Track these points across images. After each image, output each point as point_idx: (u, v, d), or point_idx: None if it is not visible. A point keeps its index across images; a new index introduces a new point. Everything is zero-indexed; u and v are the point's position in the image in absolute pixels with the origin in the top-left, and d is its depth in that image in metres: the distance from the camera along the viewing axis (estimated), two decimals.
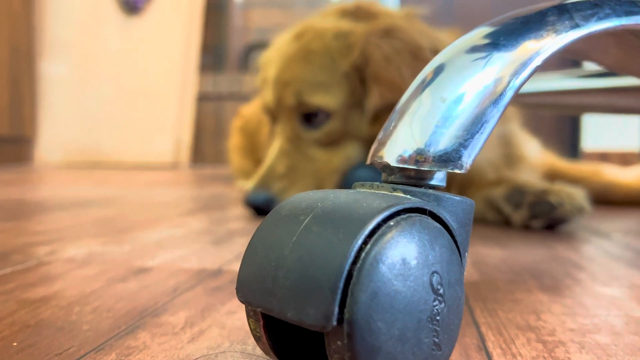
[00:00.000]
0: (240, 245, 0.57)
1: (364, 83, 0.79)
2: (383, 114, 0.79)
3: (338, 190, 0.25)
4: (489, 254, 0.55)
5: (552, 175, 1.03)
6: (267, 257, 0.22)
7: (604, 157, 1.97)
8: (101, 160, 2.28)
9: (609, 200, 1.01)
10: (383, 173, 0.27)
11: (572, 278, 0.45)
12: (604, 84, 0.63)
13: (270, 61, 0.87)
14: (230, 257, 0.51)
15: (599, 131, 2.02)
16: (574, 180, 0.99)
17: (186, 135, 2.34)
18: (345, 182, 0.81)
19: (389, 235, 0.21)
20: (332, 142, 0.81)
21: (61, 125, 2.31)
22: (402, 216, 0.22)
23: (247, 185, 0.87)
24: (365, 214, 0.21)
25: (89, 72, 2.34)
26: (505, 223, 0.75)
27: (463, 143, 0.25)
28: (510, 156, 0.88)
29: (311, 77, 0.80)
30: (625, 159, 1.90)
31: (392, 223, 0.21)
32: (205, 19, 2.50)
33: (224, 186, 1.34)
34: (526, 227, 0.73)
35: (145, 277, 0.43)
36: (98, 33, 2.35)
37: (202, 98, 2.49)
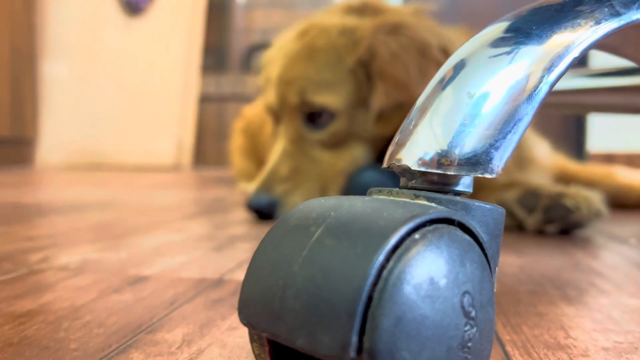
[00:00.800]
0: (242, 252, 0.54)
1: (369, 80, 0.77)
2: (388, 113, 0.76)
3: (353, 197, 0.22)
4: (505, 262, 0.52)
5: (563, 178, 1.00)
6: (274, 274, 0.20)
7: (610, 159, 1.93)
8: (102, 162, 2.26)
9: (622, 203, 0.98)
10: (402, 178, 0.24)
11: (597, 289, 0.42)
12: (616, 82, 0.60)
13: (274, 60, 0.85)
14: (232, 265, 0.49)
15: (605, 132, 1.99)
16: (585, 183, 0.96)
17: (188, 136, 2.31)
18: (351, 185, 0.78)
19: (414, 251, 0.18)
20: (336, 143, 0.78)
21: (62, 126, 2.28)
22: (429, 228, 0.19)
23: (250, 187, 0.85)
24: (387, 225, 0.19)
25: (90, 73, 2.32)
26: (518, 228, 0.72)
27: (494, 144, 0.22)
28: (521, 158, 0.85)
29: (315, 75, 0.77)
30: (631, 161, 1.87)
31: (417, 236, 0.19)
32: (208, 19, 2.47)
33: (226, 189, 1.31)
34: (540, 232, 0.70)
35: (142, 287, 0.41)
36: (100, 34, 2.33)
37: (204, 99, 2.46)
